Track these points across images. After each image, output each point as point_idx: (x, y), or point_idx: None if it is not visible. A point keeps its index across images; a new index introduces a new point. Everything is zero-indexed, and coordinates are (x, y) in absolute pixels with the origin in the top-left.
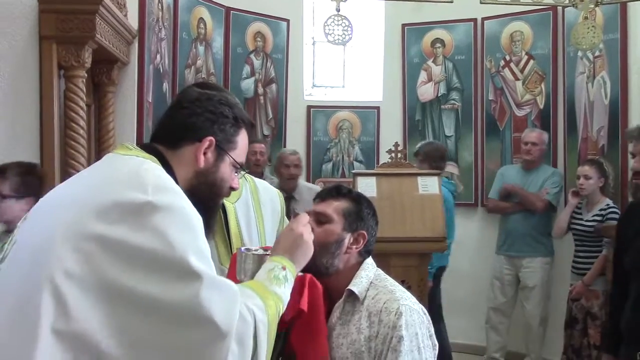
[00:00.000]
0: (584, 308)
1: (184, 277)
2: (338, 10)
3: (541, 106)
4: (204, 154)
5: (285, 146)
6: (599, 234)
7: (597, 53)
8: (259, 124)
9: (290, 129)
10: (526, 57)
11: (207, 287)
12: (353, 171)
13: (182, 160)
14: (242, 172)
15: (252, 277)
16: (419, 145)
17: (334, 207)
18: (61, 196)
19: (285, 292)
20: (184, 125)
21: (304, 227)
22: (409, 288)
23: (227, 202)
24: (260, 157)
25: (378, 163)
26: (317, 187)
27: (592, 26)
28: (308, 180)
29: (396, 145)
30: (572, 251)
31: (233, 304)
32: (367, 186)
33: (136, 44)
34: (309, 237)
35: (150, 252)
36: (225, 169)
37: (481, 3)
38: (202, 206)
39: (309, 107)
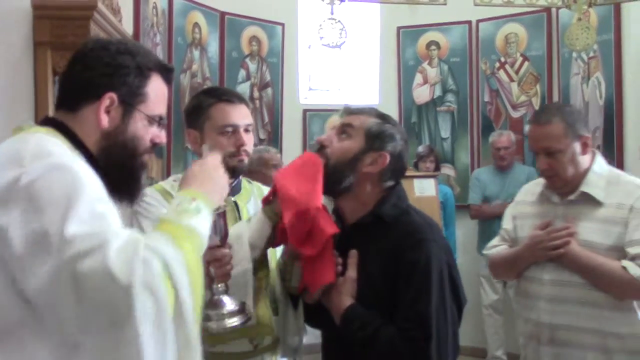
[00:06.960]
0: None
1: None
2: (332, 14)
3: (536, 107)
4: (107, 112)
5: (281, 150)
6: None
7: (591, 54)
8: (255, 128)
9: (286, 132)
10: (521, 58)
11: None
12: None
13: (85, 123)
14: (164, 123)
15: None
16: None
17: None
18: None
19: (199, 222)
20: (79, 83)
21: (216, 162)
22: None
23: (240, 203)
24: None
25: None
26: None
27: (586, 27)
28: None
29: None
30: None
31: (133, 252)
32: None
33: None
34: (223, 173)
35: (31, 229)
36: (136, 125)
37: (475, 5)
38: (119, 171)
39: (305, 111)
